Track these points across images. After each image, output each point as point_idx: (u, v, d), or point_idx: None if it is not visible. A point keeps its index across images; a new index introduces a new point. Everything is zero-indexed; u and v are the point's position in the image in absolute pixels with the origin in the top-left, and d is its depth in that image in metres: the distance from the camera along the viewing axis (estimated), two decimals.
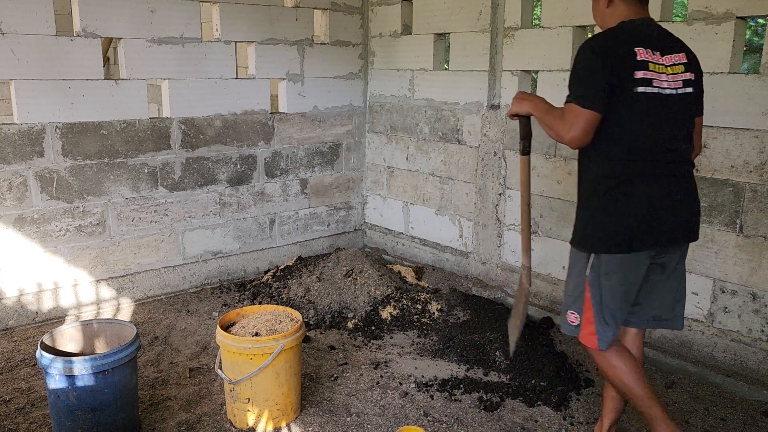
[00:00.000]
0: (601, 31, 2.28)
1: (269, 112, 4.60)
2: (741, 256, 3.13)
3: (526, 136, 2.54)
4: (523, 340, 3.57)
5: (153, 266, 4.21)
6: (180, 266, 4.32)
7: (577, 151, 2.27)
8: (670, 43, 2.22)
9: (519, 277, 2.82)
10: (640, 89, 2.10)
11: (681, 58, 2.21)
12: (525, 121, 2.52)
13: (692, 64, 2.24)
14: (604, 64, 2.07)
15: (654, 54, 2.13)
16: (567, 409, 2.92)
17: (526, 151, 2.56)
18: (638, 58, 2.10)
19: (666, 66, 2.16)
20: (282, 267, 4.53)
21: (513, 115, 2.49)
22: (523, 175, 2.59)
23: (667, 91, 2.14)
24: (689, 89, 2.21)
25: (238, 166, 4.49)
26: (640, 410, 2.26)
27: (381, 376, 3.21)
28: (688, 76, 2.21)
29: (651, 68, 2.11)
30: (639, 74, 2.09)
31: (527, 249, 2.70)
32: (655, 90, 2.12)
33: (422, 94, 4.68)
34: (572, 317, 2.31)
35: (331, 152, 5.01)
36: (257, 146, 4.55)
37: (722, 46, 3.05)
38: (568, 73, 2.17)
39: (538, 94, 3.89)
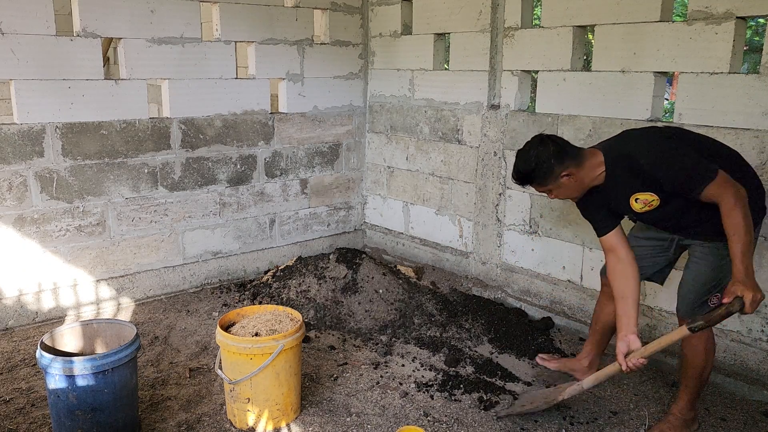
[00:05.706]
0: None
1: (269, 112, 4.60)
2: None
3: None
4: (523, 340, 3.57)
5: (153, 266, 4.21)
6: (180, 266, 4.32)
7: None
8: None
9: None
10: None
11: None
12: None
13: None
14: None
15: None
16: (567, 409, 2.92)
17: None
18: None
19: None
20: (282, 267, 4.52)
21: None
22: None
23: None
24: None
25: (238, 166, 4.49)
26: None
27: (381, 376, 3.21)
28: None
29: None
30: None
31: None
32: None
33: (422, 94, 4.68)
34: None
35: (331, 152, 5.01)
36: (257, 146, 4.55)
37: (722, 46, 3.05)
38: (568, 73, 2.16)
39: (537, 93, 3.90)
